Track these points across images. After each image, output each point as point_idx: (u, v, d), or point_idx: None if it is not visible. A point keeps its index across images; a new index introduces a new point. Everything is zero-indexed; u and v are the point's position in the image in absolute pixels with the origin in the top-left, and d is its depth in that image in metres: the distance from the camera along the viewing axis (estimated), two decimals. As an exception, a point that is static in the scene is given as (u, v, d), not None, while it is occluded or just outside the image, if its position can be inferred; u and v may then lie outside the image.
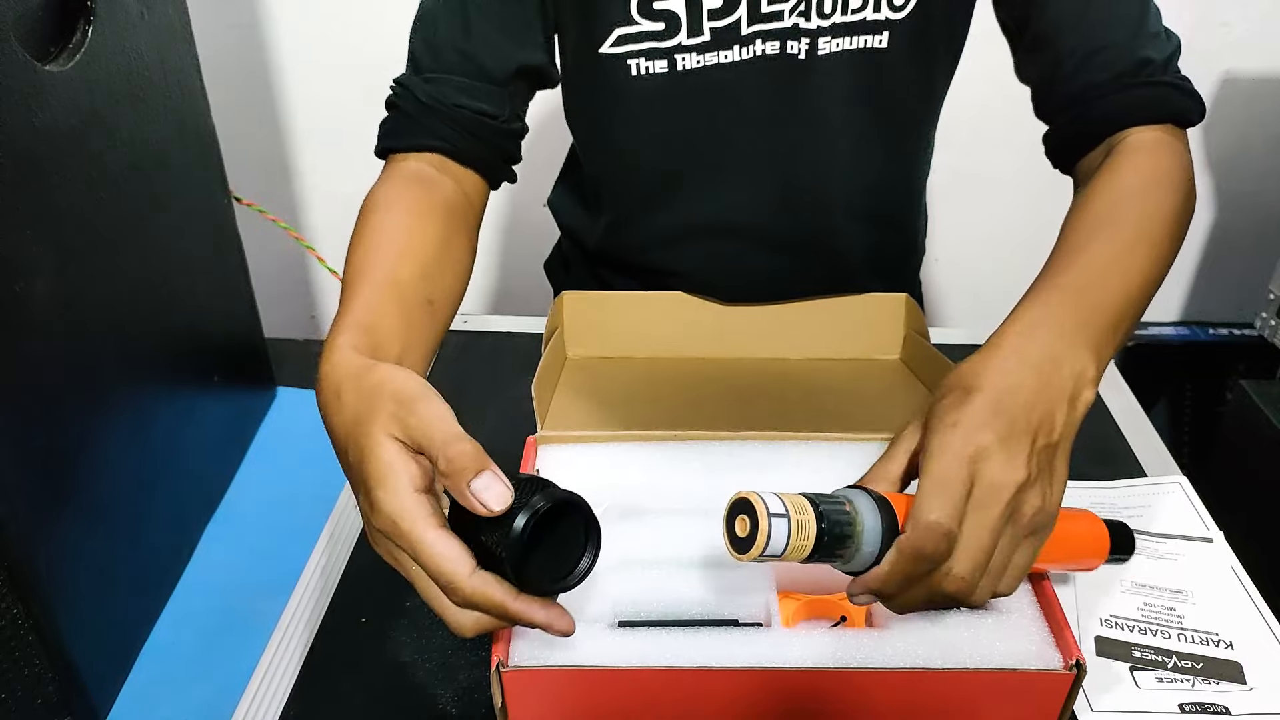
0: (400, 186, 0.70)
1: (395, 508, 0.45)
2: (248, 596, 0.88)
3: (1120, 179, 0.66)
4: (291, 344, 1.25)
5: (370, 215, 0.67)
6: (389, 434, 0.47)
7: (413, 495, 0.46)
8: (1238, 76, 1.56)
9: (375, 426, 0.47)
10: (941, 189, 1.06)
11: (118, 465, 0.82)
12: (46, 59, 0.72)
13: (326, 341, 0.55)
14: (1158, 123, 0.70)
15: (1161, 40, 0.71)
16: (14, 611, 0.68)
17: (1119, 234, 0.62)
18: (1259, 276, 1.53)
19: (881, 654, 0.53)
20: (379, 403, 0.48)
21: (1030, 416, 0.50)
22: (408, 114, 0.72)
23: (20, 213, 0.67)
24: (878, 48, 0.76)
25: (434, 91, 0.71)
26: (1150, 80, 0.70)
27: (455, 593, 0.45)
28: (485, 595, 0.45)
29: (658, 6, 0.73)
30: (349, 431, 0.49)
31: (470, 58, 0.72)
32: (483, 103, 0.72)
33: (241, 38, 1.57)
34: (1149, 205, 0.64)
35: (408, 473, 0.46)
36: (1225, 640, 0.63)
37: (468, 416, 0.43)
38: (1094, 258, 0.60)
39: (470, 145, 0.72)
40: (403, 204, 0.68)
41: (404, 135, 0.72)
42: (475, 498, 0.44)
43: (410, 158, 0.72)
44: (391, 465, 0.46)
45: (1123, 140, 0.69)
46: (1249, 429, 1.16)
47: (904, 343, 0.85)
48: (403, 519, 0.45)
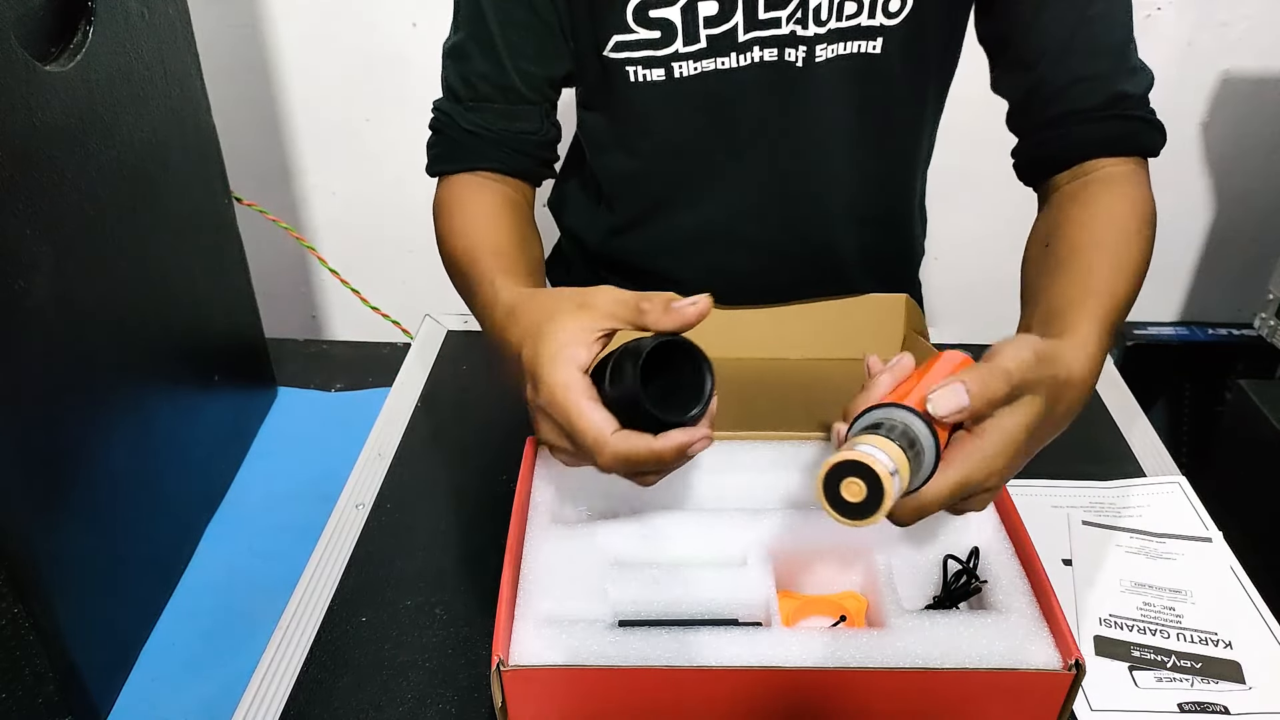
0: (468, 191, 0.77)
1: (558, 380, 0.52)
2: (248, 596, 0.88)
3: (1118, 210, 0.70)
4: (291, 344, 1.24)
5: (453, 215, 0.75)
6: (570, 321, 0.53)
7: (575, 373, 0.52)
8: (1237, 76, 1.56)
9: (557, 318, 0.54)
10: (941, 189, 1.06)
11: (118, 465, 0.82)
12: (46, 59, 0.72)
13: (483, 295, 0.64)
14: (1128, 155, 0.73)
15: (1139, 75, 0.74)
16: (14, 611, 0.68)
17: (1129, 264, 0.66)
18: (1258, 276, 1.53)
19: (881, 654, 0.53)
20: (559, 300, 0.55)
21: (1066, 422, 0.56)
22: (454, 140, 0.78)
23: (20, 213, 0.67)
24: (872, 54, 0.76)
25: (477, 120, 0.77)
26: (1126, 114, 0.73)
27: (603, 450, 0.51)
28: (630, 444, 0.51)
29: (653, 15, 0.74)
30: (526, 331, 0.55)
31: (507, 89, 0.77)
32: (522, 122, 0.78)
33: (241, 38, 1.57)
34: (1145, 238, 0.69)
35: (574, 356, 0.52)
36: (1224, 640, 0.63)
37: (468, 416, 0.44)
38: (1115, 288, 0.64)
39: (516, 161, 0.79)
40: (478, 202, 0.76)
41: (454, 159, 0.79)
42: (679, 310, 0.52)
43: (463, 174, 0.79)
44: (564, 346, 0.52)
45: (1097, 169, 0.73)
46: (1248, 429, 1.16)
47: (904, 343, 0.85)
48: (560, 391, 0.51)
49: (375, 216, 1.72)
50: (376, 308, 1.37)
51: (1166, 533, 0.72)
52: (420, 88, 0.98)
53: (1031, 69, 0.74)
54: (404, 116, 1.57)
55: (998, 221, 1.71)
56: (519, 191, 0.80)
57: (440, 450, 0.84)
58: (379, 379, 1.12)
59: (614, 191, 0.88)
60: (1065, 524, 0.73)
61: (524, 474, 0.64)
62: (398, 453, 0.83)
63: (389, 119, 1.62)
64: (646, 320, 0.53)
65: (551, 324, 0.54)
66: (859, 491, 0.44)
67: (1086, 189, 0.72)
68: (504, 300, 0.61)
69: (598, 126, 0.86)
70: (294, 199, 1.72)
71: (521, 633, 0.54)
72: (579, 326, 0.53)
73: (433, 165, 0.80)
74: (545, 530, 0.61)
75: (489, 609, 0.67)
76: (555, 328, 0.53)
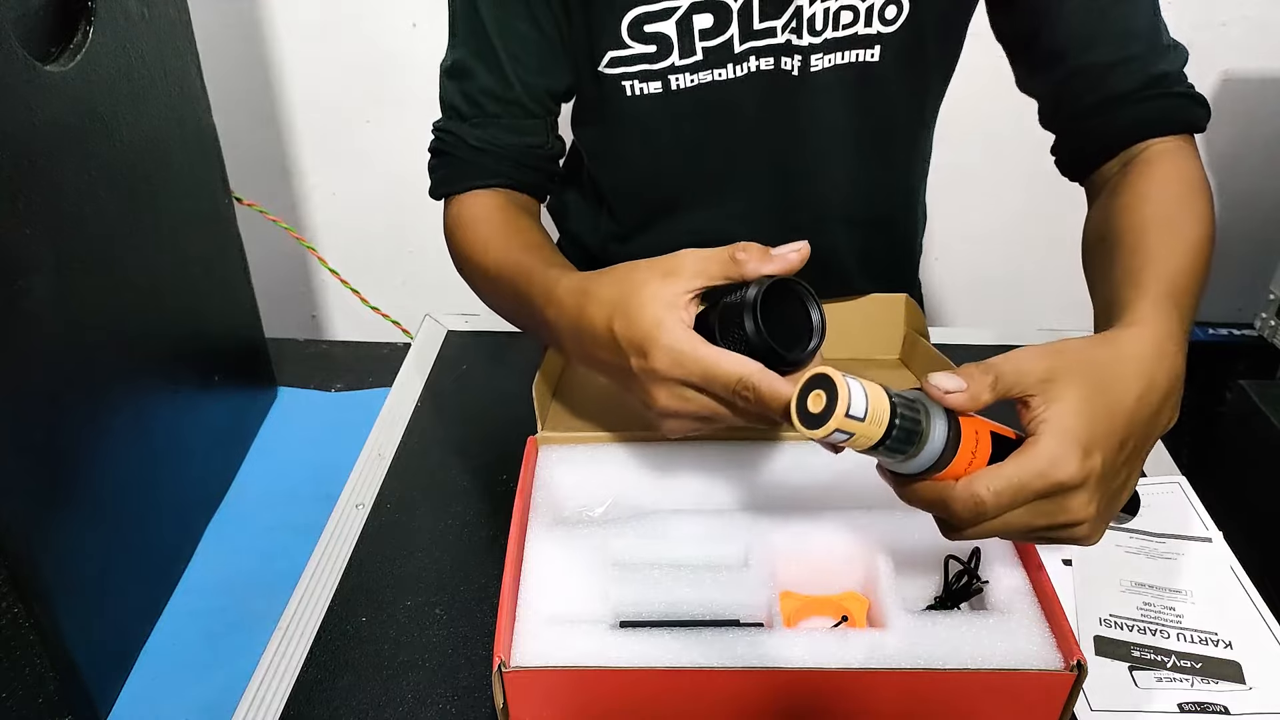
0: (484, 207, 0.76)
1: (677, 338, 0.51)
2: (248, 596, 0.87)
3: (1167, 185, 0.67)
4: (292, 344, 1.24)
5: (477, 228, 0.74)
6: (662, 288, 0.53)
7: (687, 330, 0.52)
8: (1237, 76, 1.56)
9: (648, 286, 0.53)
10: (941, 189, 1.06)
11: (118, 465, 0.81)
12: (46, 59, 0.72)
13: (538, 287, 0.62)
14: (1175, 133, 0.71)
15: (1173, 52, 0.72)
16: (14, 611, 0.68)
17: (1186, 236, 0.63)
18: (1259, 277, 1.53)
19: (882, 654, 0.53)
20: (641, 271, 0.54)
21: (1152, 430, 0.53)
22: (462, 159, 0.77)
23: (20, 213, 0.67)
24: (870, 62, 0.76)
25: (484, 135, 0.76)
26: (1167, 92, 0.71)
27: (756, 385, 0.50)
28: (771, 381, 0.50)
29: (648, 29, 0.74)
30: (614, 307, 0.54)
31: (512, 103, 0.76)
32: (529, 136, 0.78)
33: (241, 38, 1.57)
34: (1198, 208, 0.66)
35: (681, 319, 0.52)
36: (1224, 640, 0.63)
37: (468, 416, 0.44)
38: (1169, 261, 0.60)
39: (524, 175, 0.78)
40: (498, 212, 0.75)
41: (462, 178, 0.78)
42: (781, 255, 0.54)
43: (473, 191, 0.77)
44: (668, 309, 0.52)
45: (1144, 150, 0.71)
46: (1249, 429, 1.16)
47: (904, 342, 0.85)
48: (686, 346, 0.51)
49: (375, 216, 1.72)
50: (376, 308, 1.37)
51: (1166, 533, 0.72)
52: (420, 88, 0.98)
53: (1061, 60, 0.72)
54: (404, 116, 1.57)
55: (998, 221, 1.72)
56: (530, 204, 0.80)
57: (440, 450, 0.84)
58: (379, 379, 1.12)
59: (614, 200, 0.88)
60: (1066, 524, 0.73)
61: (524, 474, 0.64)
62: (398, 453, 0.83)
63: (389, 119, 1.62)
64: (745, 269, 0.53)
65: (642, 294, 0.53)
66: (819, 403, 0.45)
67: (1132, 172, 0.70)
68: (569, 285, 0.59)
69: (596, 138, 0.86)
70: (294, 199, 1.72)
71: (522, 633, 0.54)
72: (674, 292, 0.53)
73: (439, 187, 0.79)
74: (545, 530, 0.61)
75: (489, 609, 0.67)
76: (648, 297, 0.53)
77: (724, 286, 0.54)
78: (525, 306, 0.65)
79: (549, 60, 0.77)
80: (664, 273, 0.54)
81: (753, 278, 0.53)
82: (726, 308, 0.53)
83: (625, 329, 0.53)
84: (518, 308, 0.67)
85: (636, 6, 0.73)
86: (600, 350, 0.55)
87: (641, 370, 0.53)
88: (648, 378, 0.53)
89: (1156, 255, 0.60)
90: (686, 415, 0.53)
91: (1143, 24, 0.71)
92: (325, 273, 1.41)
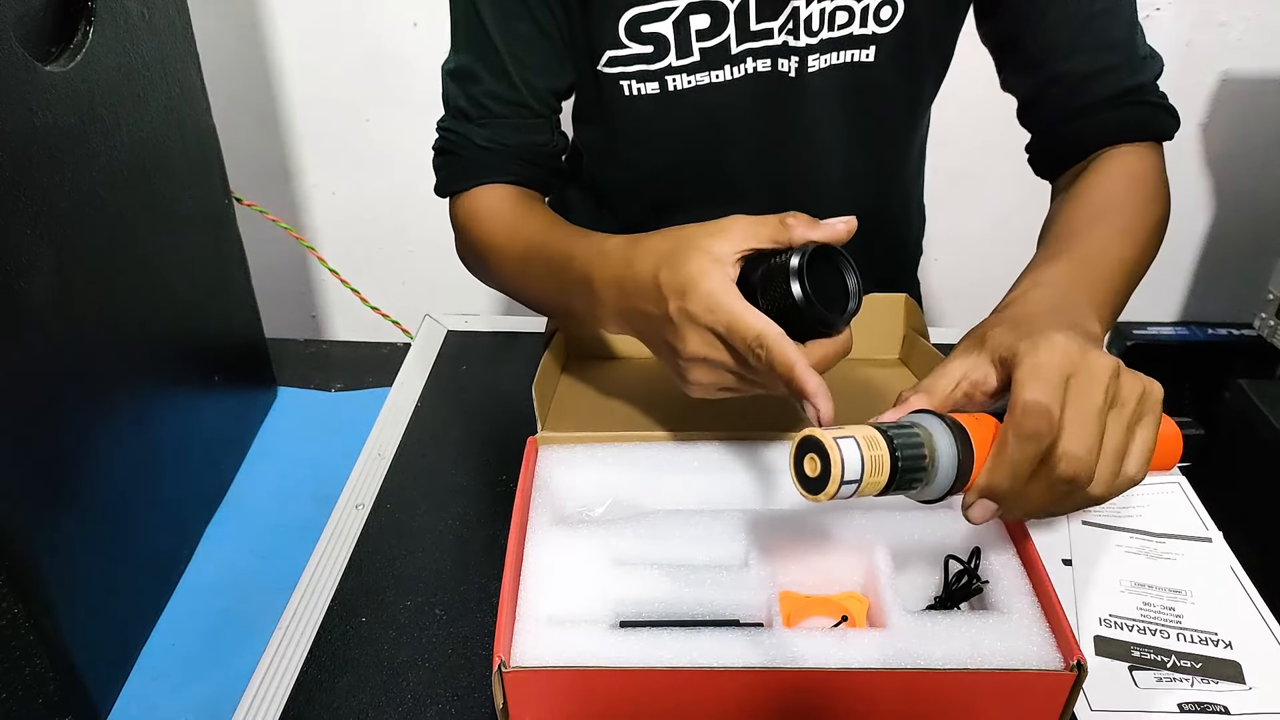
0: (495, 199, 0.77)
1: (715, 285, 0.53)
2: (248, 596, 0.88)
3: (1109, 181, 0.71)
4: (292, 344, 1.24)
5: (492, 218, 0.75)
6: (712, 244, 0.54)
7: (728, 282, 0.54)
8: (1237, 76, 1.56)
9: (698, 240, 0.55)
10: (940, 189, 1.06)
11: (118, 465, 0.82)
12: (46, 59, 0.72)
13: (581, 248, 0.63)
14: (1144, 140, 0.74)
15: (1149, 62, 0.75)
16: (14, 611, 0.68)
17: (1111, 223, 0.67)
18: (1258, 276, 1.54)
19: (881, 654, 0.53)
20: (691, 229, 0.56)
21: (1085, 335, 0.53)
22: (468, 158, 0.78)
23: (20, 212, 0.67)
24: (865, 62, 0.76)
25: (490, 135, 0.77)
26: (1140, 101, 0.74)
27: (772, 345, 0.51)
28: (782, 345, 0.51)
29: (645, 30, 0.74)
30: (662, 257, 0.56)
31: (518, 104, 0.77)
32: (534, 135, 0.78)
33: (241, 38, 1.57)
34: (1134, 201, 0.69)
35: (726, 273, 0.54)
36: (1224, 640, 0.63)
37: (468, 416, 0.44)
38: (1090, 240, 0.65)
39: (530, 173, 0.79)
40: (510, 201, 0.76)
41: (468, 178, 0.78)
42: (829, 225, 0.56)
43: (479, 188, 0.78)
44: (714, 261, 0.54)
45: (1107, 152, 0.74)
46: (1247, 429, 1.16)
47: (904, 342, 0.85)
48: (720, 294, 0.53)
49: (375, 216, 1.72)
50: (376, 308, 1.37)
51: (1166, 533, 0.72)
52: (420, 87, 0.98)
53: (1041, 67, 0.75)
54: (404, 116, 1.57)
55: (998, 221, 1.72)
56: (539, 198, 0.81)
57: (440, 450, 0.84)
58: (379, 379, 1.12)
59: (614, 199, 0.89)
60: (1065, 524, 0.73)
61: (524, 474, 0.64)
62: (398, 453, 0.83)
63: (389, 119, 1.62)
64: (793, 234, 0.55)
65: (691, 247, 0.55)
66: (814, 467, 0.45)
67: (1087, 170, 0.73)
68: (619, 240, 0.61)
69: (595, 138, 0.86)
70: (294, 199, 1.72)
71: (522, 633, 0.54)
72: (722, 250, 0.54)
73: (444, 185, 0.80)
74: (545, 530, 0.61)
75: (489, 609, 0.67)
76: (697, 250, 0.54)
77: (768, 251, 0.56)
78: (565, 274, 0.65)
79: (551, 60, 0.77)
80: (713, 231, 0.56)
81: (799, 244, 0.55)
82: (771, 267, 0.55)
83: (670, 275, 0.55)
84: (552, 277, 0.68)
85: (634, 6, 0.73)
86: (641, 300, 0.57)
87: (679, 312, 0.54)
88: (683, 319, 0.54)
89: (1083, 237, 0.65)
90: (712, 363, 0.55)
91: (1121, 35, 0.73)
92: (325, 273, 1.41)
